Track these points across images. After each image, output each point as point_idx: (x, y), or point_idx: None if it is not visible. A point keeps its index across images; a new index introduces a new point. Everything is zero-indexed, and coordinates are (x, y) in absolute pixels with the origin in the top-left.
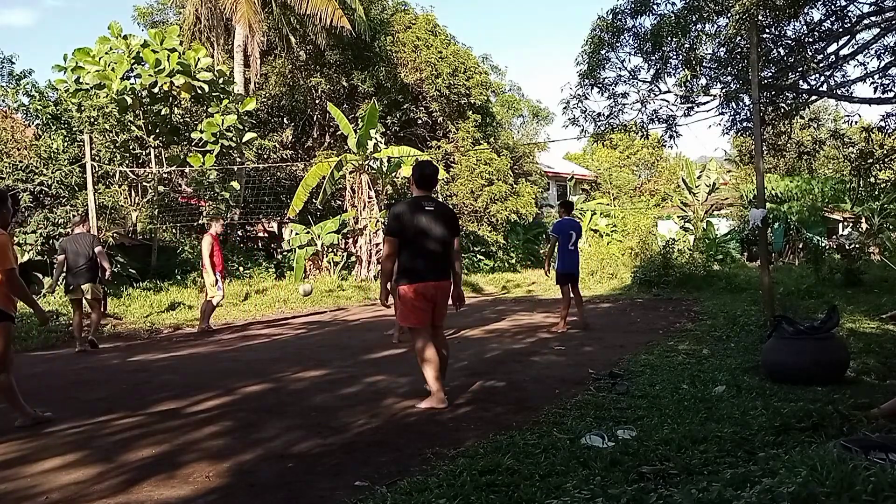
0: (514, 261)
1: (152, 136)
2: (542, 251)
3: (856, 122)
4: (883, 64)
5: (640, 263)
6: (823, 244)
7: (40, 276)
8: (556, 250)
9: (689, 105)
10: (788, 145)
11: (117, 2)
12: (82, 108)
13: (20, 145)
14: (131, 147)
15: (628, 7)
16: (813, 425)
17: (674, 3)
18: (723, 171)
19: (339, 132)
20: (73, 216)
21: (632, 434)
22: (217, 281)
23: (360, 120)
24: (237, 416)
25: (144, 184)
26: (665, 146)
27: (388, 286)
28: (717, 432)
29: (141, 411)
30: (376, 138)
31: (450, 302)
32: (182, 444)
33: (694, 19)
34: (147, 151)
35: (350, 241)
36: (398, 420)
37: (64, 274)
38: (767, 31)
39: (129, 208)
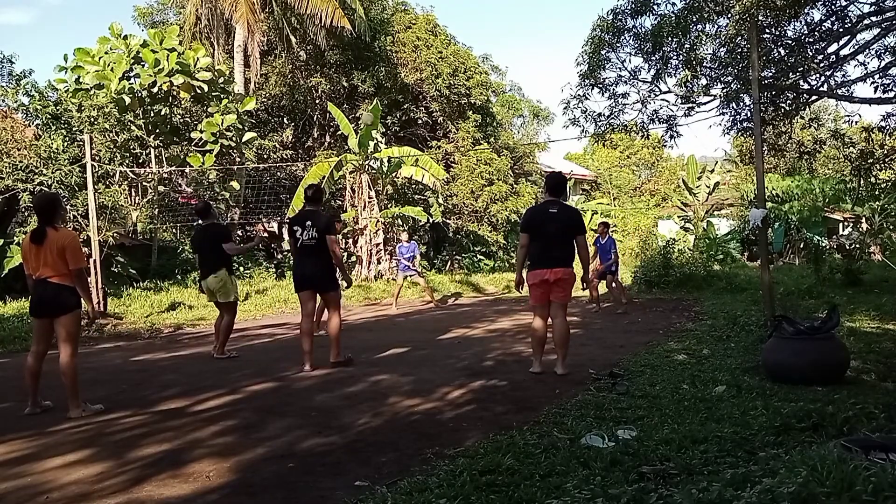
0: (514, 260)
1: (152, 136)
2: None
3: (856, 122)
4: (883, 64)
5: (640, 263)
6: (824, 244)
7: None
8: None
9: (690, 105)
10: (789, 145)
11: (117, 2)
12: (82, 108)
13: (20, 145)
14: (131, 147)
15: (628, 7)
16: (813, 425)
17: (674, 4)
18: (723, 171)
19: (339, 132)
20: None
21: (632, 434)
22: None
23: (360, 120)
24: (238, 415)
25: (144, 184)
26: (665, 146)
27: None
28: (717, 432)
29: (142, 411)
30: (376, 138)
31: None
32: (183, 443)
33: (694, 19)
34: (147, 151)
35: (350, 241)
36: (399, 420)
37: None
38: (768, 31)
39: (129, 208)
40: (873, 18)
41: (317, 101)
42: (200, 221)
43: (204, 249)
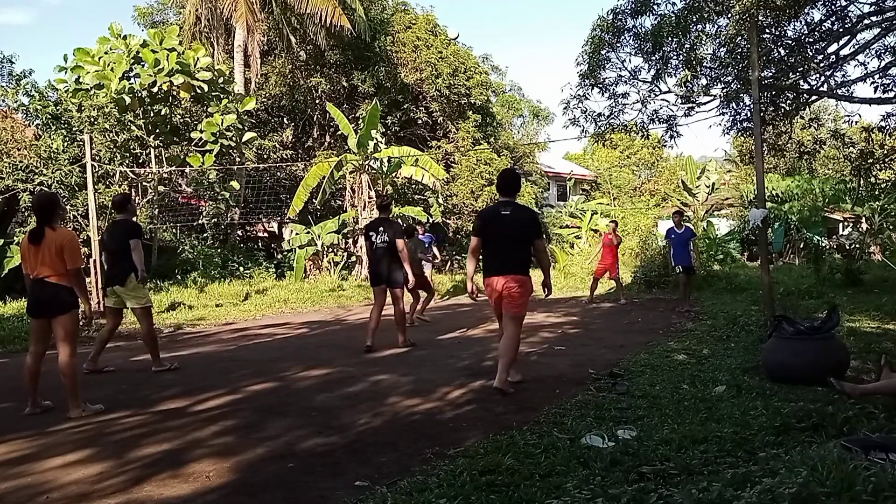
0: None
1: (152, 136)
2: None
3: (856, 122)
4: (883, 64)
5: (640, 263)
6: (823, 244)
7: None
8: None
9: (690, 105)
10: (789, 145)
11: (117, 2)
12: (82, 108)
13: (20, 145)
14: (131, 147)
15: (628, 7)
16: (813, 425)
17: (674, 4)
18: (723, 171)
19: (339, 132)
20: None
21: (632, 434)
22: None
23: (360, 120)
24: (238, 415)
25: (144, 184)
26: (665, 146)
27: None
28: (717, 432)
29: (142, 411)
30: (376, 138)
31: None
32: (183, 443)
33: (694, 19)
34: (147, 151)
35: (350, 241)
36: (399, 420)
37: None
38: (768, 31)
39: None
40: (873, 18)
41: (317, 101)
42: (115, 215)
43: (117, 248)
